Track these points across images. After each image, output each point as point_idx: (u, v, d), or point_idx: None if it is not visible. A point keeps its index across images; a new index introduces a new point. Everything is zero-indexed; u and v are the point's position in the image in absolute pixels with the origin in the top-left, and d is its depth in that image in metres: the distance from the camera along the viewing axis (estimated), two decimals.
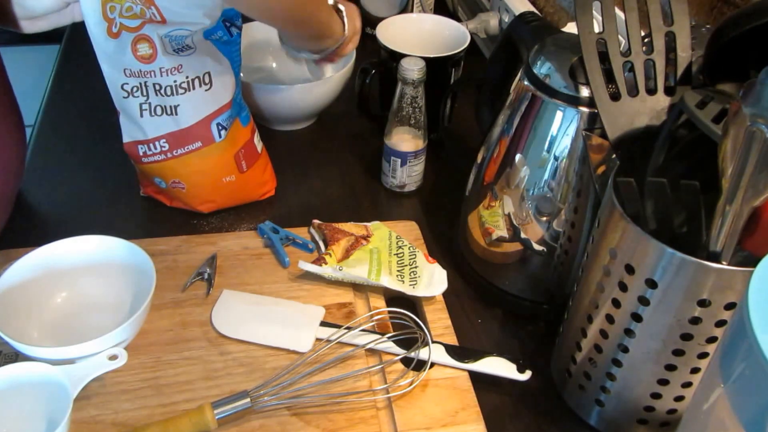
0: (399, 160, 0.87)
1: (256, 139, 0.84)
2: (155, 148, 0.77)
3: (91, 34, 0.74)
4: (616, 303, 0.55)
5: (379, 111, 0.96)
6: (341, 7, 0.81)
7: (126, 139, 0.79)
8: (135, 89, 0.75)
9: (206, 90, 0.76)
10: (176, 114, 0.76)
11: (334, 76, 0.95)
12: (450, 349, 0.67)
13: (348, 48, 0.86)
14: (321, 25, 0.79)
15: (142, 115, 0.76)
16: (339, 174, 0.94)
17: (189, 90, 0.75)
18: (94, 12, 0.71)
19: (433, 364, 0.66)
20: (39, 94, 1.07)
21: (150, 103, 0.76)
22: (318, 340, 0.68)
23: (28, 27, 0.79)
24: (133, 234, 0.73)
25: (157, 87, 0.74)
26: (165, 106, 0.75)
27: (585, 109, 0.62)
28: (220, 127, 0.78)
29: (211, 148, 0.78)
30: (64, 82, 1.10)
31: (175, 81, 0.74)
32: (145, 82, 0.74)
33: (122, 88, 0.75)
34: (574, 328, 0.62)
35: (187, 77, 0.75)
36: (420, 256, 0.76)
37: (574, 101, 0.62)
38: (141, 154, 0.78)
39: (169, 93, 0.75)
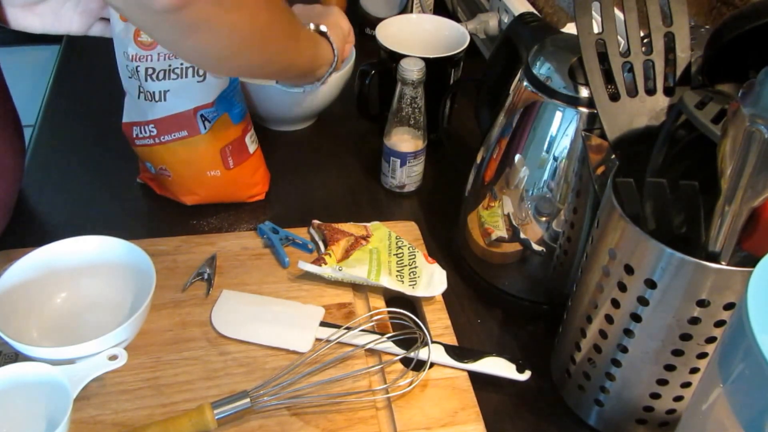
0: (398, 161, 0.87)
1: (249, 140, 0.84)
2: (145, 132, 0.79)
3: (111, 13, 0.76)
4: (616, 303, 0.55)
5: (379, 111, 0.96)
6: (323, 28, 0.77)
7: (125, 119, 0.81)
8: (134, 72, 0.77)
9: (199, 81, 0.77)
10: (165, 100, 0.77)
11: (334, 76, 0.95)
12: (449, 349, 0.67)
13: (345, 54, 0.84)
14: (306, 62, 0.75)
15: (138, 97, 0.78)
16: (339, 174, 0.94)
17: (182, 77, 0.76)
18: None
19: (432, 364, 0.66)
20: (39, 94, 1.07)
21: (142, 88, 0.77)
22: (318, 340, 0.68)
23: (18, 19, 0.73)
24: (133, 234, 0.73)
25: (150, 71, 0.76)
26: (154, 92, 0.77)
27: (584, 110, 0.62)
28: (203, 119, 0.78)
29: (196, 139, 0.79)
30: (64, 82, 1.10)
31: (170, 65, 0.76)
32: (137, 67, 0.76)
33: (126, 68, 0.77)
34: (573, 329, 0.62)
35: (181, 64, 0.76)
36: (419, 257, 0.76)
37: (573, 102, 0.62)
38: (135, 135, 0.80)
39: (161, 77, 0.76)
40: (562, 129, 0.63)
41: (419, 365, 0.65)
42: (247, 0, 0.56)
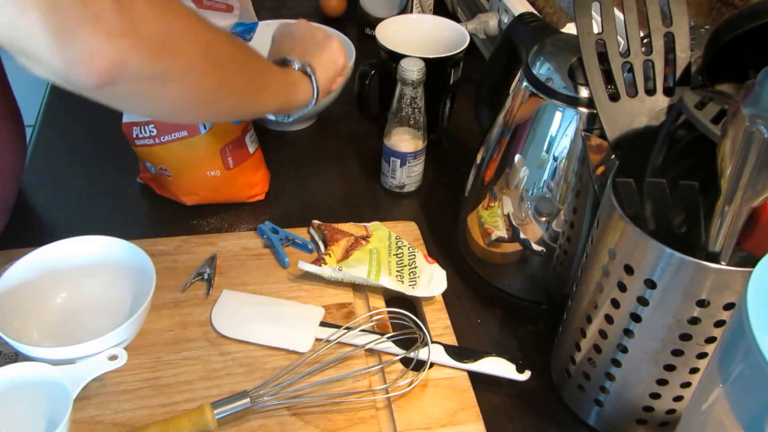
0: (398, 161, 0.87)
1: (249, 140, 0.84)
2: (145, 132, 0.79)
3: None
4: (615, 303, 0.55)
5: (379, 111, 0.96)
6: (309, 71, 0.72)
7: (125, 119, 0.81)
8: None
9: None
10: None
11: None
12: (449, 350, 0.67)
13: (333, 88, 0.79)
14: (274, 107, 0.70)
15: None
16: (339, 174, 0.94)
17: None
18: None
19: (432, 365, 0.66)
20: (39, 94, 1.07)
21: None
22: (317, 340, 0.68)
23: None
24: (133, 234, 0.73)
25: None
26: None
27: (584, 110, 0.62)
28: None
29: (196, 139, 0.79)
30: None
31: None
32: None
33: None
34: (573, 329, 0.62)
35: None
36: (419, 257, 0.76)
37: (573, 102, 0.62)
38: (135, 135, 0.80)
39: None
40: (562, 129, 0.63)
41: (419, 365, 0.65)
42: (192, 68, 0.51)
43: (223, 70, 0.56)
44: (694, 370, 0.54)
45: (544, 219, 0.68)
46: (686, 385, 0.55)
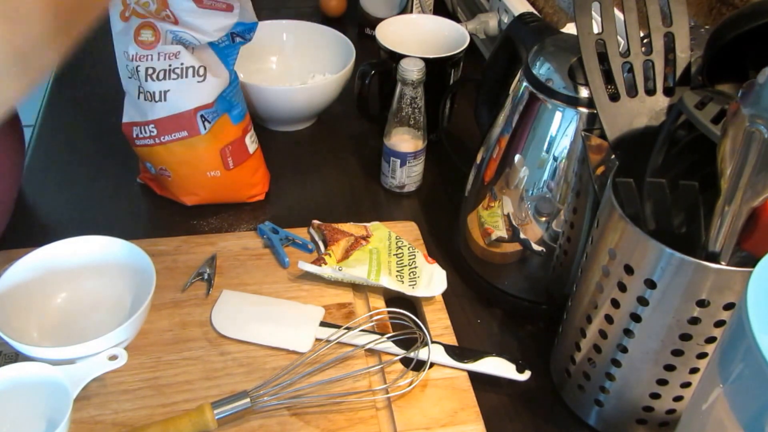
0: (398, 161, 0.87)
1: (249, 140, 0.84)
2: (146, 132, 0.79)
3: (111, 12, 0.76)
4: (615, 303, 0.55)
5: (379, 111, 0.96)
6: None
7: (125, 119, 0.81)
8: (134, 72, 0.77)
9: (199, 82, 0.77)
10: (165, 100, 0.77)
11: (334, 76, 0.95)
12: (449, 350, 0.67)
13: None
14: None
15: (138, 98, 0.78)
16: (339, 174, 0.94)
17: (182, 77, 0.76)
18: None
19: (432, 365, 0.66)
20: (39, 94, 1.07)
21: (142, 88, 0.77)
22: (317, 340, 0.68)
23: None
24: (133, 234, 0.73)
25: (150, 71, 0.76)
26: (155, 92, 0.77)
27: (584, 110, 0.62)
28: (203, 119, 0.78)
29: (196, 139, 0.79)
30: (64, 82, 1.10)
31: (170, 65, 0.76)
32: (137, 67, 0.76)
33: (126, 68, 0.78)
34: (573, 329, 0.62)
35: (182, 64, 0.76)
36: (419, 257, 0.76)
37: (573, 102, 0.62)
38: (135, 135, 0.80)
39: (161, 77, 0.76)
40: (562, 129, 0.63)
41: (419, 365, 0.65)
42: None
43: None
44: (694, 370, 0.54)
45: (544, 219, 0.68)
46: (686, 385, 0.55)
